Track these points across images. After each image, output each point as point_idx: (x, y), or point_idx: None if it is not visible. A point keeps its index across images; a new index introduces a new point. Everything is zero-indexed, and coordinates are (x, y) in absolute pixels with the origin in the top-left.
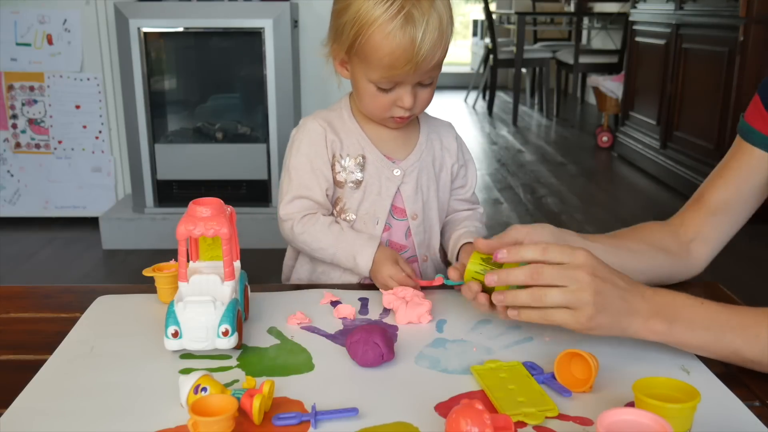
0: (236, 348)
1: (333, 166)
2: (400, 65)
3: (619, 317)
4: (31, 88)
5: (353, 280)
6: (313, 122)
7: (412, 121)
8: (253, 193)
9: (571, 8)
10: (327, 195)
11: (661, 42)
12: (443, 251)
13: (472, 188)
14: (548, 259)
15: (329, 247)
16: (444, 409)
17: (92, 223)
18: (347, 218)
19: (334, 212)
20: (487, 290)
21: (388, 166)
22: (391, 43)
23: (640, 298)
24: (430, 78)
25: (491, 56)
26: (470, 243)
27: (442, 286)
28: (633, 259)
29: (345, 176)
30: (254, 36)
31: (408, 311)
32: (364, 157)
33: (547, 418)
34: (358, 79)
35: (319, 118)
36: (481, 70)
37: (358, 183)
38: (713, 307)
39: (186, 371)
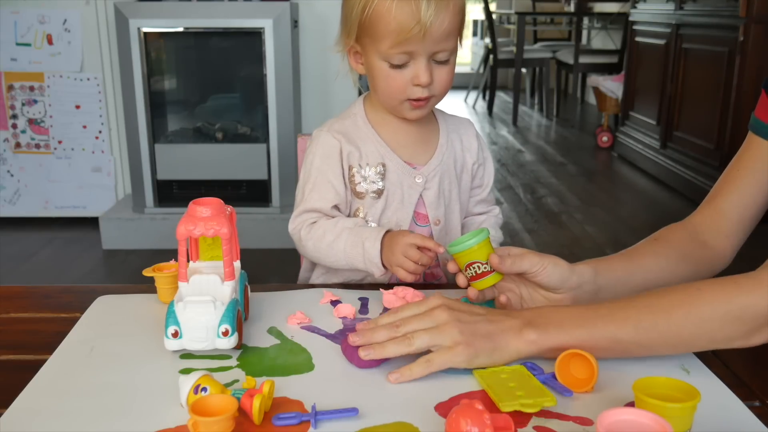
0: (236, 348)
1: (352, 177)
2: (407, 28)
3: (495, 338)
4: (31, 88)
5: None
6: (326, 136)
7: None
8: (253, 193)
9: (571, 8)
10: (338, 209)
11: (661, 42)
12: None
13: (489, 187)
14: (406, 316)
15: (336, 240)
16: (444, 409)
17: (92, 223)
18: None
19: None
20: (465, 274)
21: (410, 174)
22: (396, 6)
23: (504, 316)
24: (445, 52)
25: (491, 56)
26: None
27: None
28: (650, 277)
29: (366, 186)
30: (254, 36)
31: None
32: (384, 165)
33: (544, 409)
34: (371, 62)
35: (333, 130)
36: (481, 70)
37: (379, 193)
38: (583, 306)
39: (186, 371)
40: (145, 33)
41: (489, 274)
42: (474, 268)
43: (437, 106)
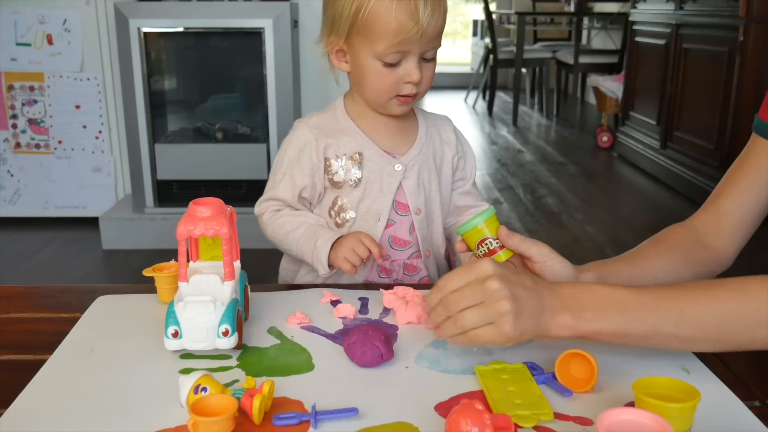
0: (236, 348)
1: (329, 167)
2: (406, 30)
3: (537, 317)
4: (31, 88)
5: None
6: (303, 129)
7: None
8: (253, 193)
9: (571, 8)
10: (303, 200)
11: (661, 42)
12: (447, 249)
13: (472, 179)
14: (452, 288)
15: (294, 231)
16: (444, 409)
17: (92, 223)
18: (347, 217)
19: (332, 212)
20: (476, 253)
21: (389, 162)
22: (395, 8)
23: (548, 293)
24: (433, 50)
25: (491, 56)
26: None
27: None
28: (655, 281)
29: (343, 176)
30: (254, 36)
31: (408, 311)
32: (361, 154)
33: (541, 422)
34: (362, 60)
35: (310, 124)
36: (481, 70)
37: (357, 182)
38: (623, 290)
39: (186, 371)
40: (145, 33)
41: (500, 250)
42: (486, 244)
43: (416, 104)
